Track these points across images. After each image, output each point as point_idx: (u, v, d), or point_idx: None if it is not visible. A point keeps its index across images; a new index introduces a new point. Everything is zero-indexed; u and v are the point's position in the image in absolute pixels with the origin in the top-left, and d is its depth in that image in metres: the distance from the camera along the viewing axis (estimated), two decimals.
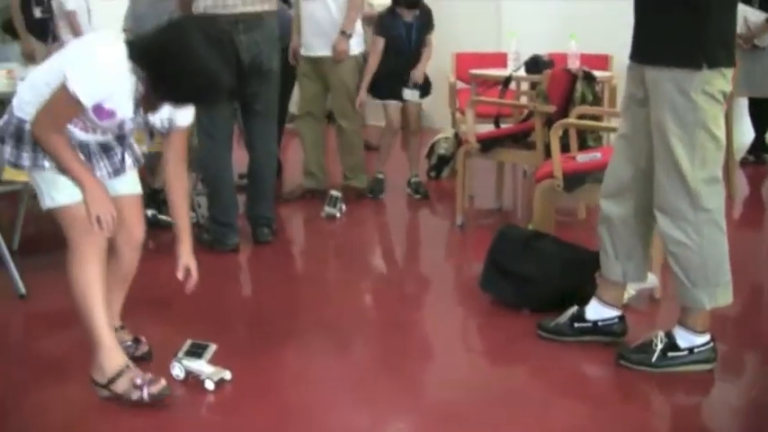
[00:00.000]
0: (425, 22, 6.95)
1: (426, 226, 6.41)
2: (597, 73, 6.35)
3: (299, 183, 7.19)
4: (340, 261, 5.85)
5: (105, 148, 3.63)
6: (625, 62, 3.89)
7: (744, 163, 8.20)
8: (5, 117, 3.54)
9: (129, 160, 3.73)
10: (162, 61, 3.27)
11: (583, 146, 5.62)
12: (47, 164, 3.44)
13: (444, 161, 7.67)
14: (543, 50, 7.23)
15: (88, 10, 9.37)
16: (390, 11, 6.94)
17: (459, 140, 7.35)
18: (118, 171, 3.67)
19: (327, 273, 5.62)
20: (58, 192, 3.47)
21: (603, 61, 7.75)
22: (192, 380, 3.68)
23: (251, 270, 5.63)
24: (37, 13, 9.09)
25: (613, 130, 5.60)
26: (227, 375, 3.68)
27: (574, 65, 6.59)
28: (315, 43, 6.76)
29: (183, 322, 4.39)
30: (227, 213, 5.67)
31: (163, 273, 3.99)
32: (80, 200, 3.43)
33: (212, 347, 3.72)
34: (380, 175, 7.16)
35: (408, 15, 6.87)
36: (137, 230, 3.74)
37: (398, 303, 4.87)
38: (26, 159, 3.45)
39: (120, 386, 3.47)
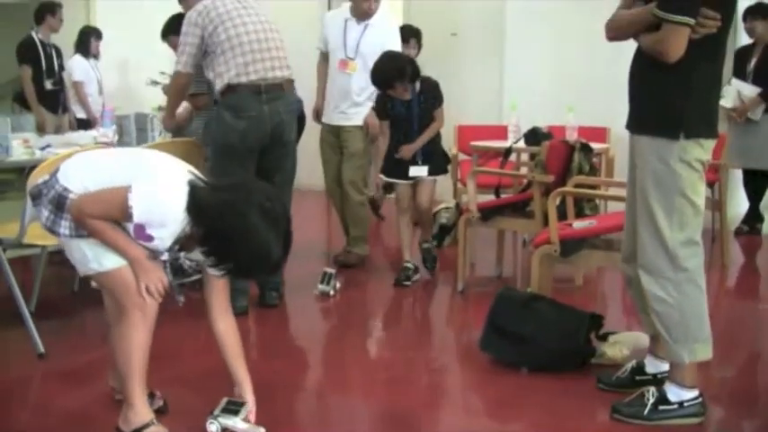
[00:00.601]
0: (430, 96, 6.47)
1: (428, 292, 6.54)
2: (594, 145, 6.55)
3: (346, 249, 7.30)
4: (344, 325, 5.94)
5: None
6: (621, 134, 4.12)
7: (738, 233, 8.40)
8: (46, 179, 3.59)
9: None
10: (218, 225, 3.32)
11: (580, 214, 5.80)
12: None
13: (446, 230, 7.79)
14: (542, 123, 7.45)
15: (98, 81, 9.61)
16: (382, 94, 6.55)
17: (460, 210, 7.48)
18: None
19: (333, 335, 5.75)
20: (105, 257, 3.51)
21: (601, 133, 7.98)
22: None
23: (259, 333, 5.73)
24: (48, 85, 9.28)
25: (609, 197, 5.81)
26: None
27: (572, 137, 6.81)
28: (337, 112, 7.00)
29: (195, 380, 4.55)
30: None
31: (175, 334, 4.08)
32: (121, 264, 3.51)
33: (248, 405, 3.78)
34: (409, 264, 6.68)
35: (404, 93, 6.39)
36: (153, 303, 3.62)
37: (401, 363, 5.00)
38: (65, 228, 3.49)
39: None
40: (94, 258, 3.52)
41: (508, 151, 6.93)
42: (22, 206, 4.83)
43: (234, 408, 3.76)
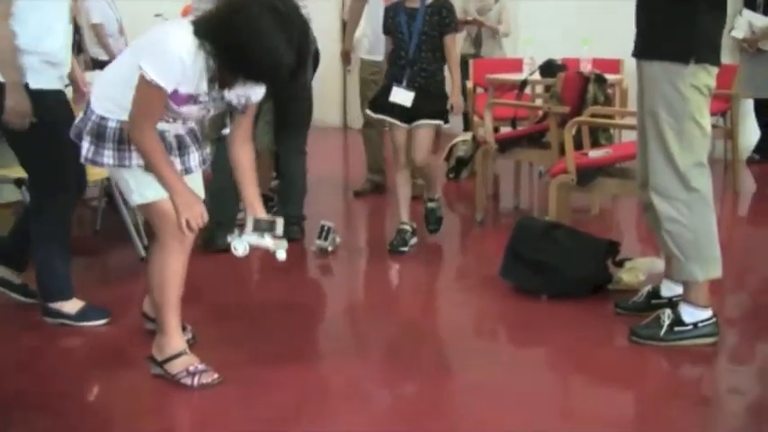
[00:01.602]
0: (440, 13, 5.53)
1: (447, 224, 6.37)
2: (608, 76, 6.60)
3: (367, 179, 7.45)
4: (364, 252, 6.10)
5: (181, 145, 3.66)
6: (635, 65, 4.19)
7: (750, 161, 8.48)
8: (81, 116, 3.60)
9: (197, 159, 3.76)
10: (226, 33, 3.23)
11: (595, 144, 5.89)
12: (134, 162, 3.50)
13: (463, 163, 7.89)
14: (557, 56, 7.50)
15: (118, 21, 9.52)
16: (389, 5, 5.82)
17: (477, 142, 7.56)
18: (188, 170, 3.69)
19: (354, 260, 5.86)
20: (148, 188, 3.53)
21: (615, 65, 7.98)
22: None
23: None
24: None
25: (623, 126, 5.89)
26: (286, 245, 3.67)
27: (586, 68, 6.85)
28: (379, 47, 6.57)
29: (223, 314, 4.70)
30: (222, 212, 5.37)
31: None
32: (161, 197, 3.53)
33: (280, 221, 3.69)
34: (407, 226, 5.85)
35: (411, 1, 5.57)
36: (190, 236, 3.64)
37: (424, 292, 5.16)
38: (108, 157, 3.49)
39: (175, 367, 3.66)
40: (137, 189, 3.57)
41: (524, 83, 6.99)
42: None
43: (264, 226, 3.65)
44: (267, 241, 3.62)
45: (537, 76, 7.21)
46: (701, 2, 3.82)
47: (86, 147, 3.53)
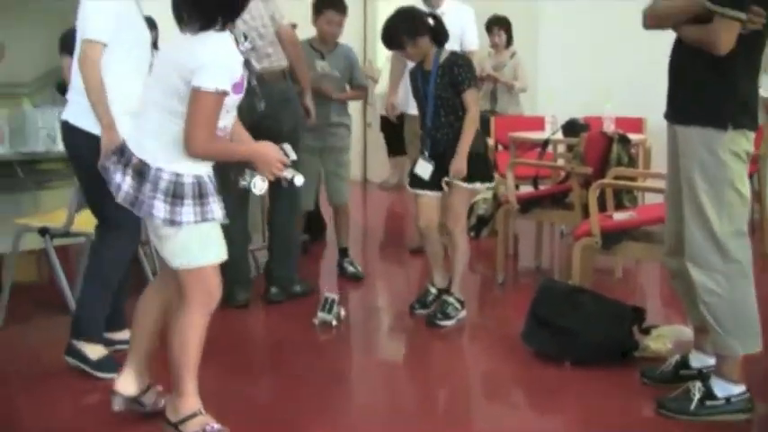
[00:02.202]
0: (454, 71, 5.26)
1: (468, 283, 6.26)
2: (632, 135, 6.54)
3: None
4: (384, 311, 6.04)
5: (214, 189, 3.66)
6: (658, 125, 4.10)
7: None
8: (138, 176, 3.44)
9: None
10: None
11: (619, 205, 5.81)
12: (216, 215, 3.53)
13: (483, 222, 7.81)
14: (579, 114, 7.45)
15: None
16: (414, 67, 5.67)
17: (498, 201, 7.51)
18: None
19: (371, 320, 5.81)
20: (211, 248, 3.56)
21: (637, 124, 7.95)
22: None
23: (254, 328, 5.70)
24: None
25: (648, 189, 5.81)
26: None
27: (609, 128, 6.80)
28: None
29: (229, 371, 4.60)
30: (234, 270, 5.36)
31: None
32: (221, 259, 3.60)
33: (287, 146, 3.74)
34: (433, 289, 5.66)
35: (417, 57, 5.39)
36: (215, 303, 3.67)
37: (444, 354, 5.05)
38: (190, 214, 3.45)
39: (191, 427, 3.62)
40: (200, 250, 3.53)
41: (546, 143, 6.94)
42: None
43: None
44: (288, 172, 3.65)
45: (559, 135, 7.14)
46: (737, 65, 3.72)
47: (161, 207, 3.43)
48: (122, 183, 3.47)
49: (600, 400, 4.25)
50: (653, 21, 3.94)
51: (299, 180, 3.65)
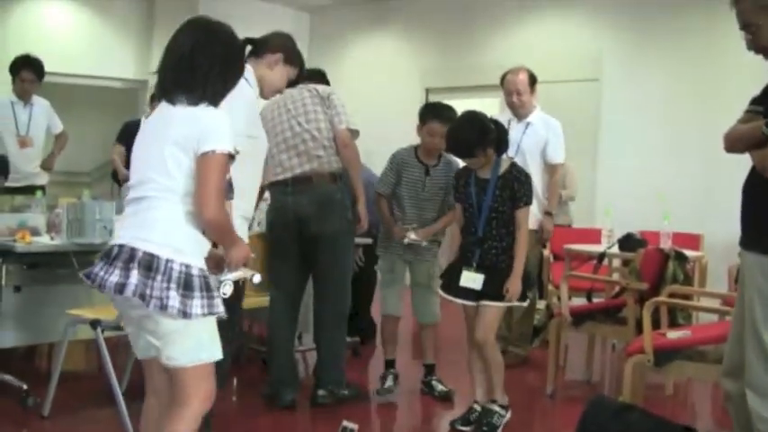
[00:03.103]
0: (514, 184, 5.23)
1: (517, 394, 6.25)
2: (689, 252, 6.51)
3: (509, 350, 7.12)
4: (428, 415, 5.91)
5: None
6: (716, 242, 4.07)
7: None
8: (147, 270, 3.30)
9: None
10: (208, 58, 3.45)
11: (673, 323, 5.75)
12: (221, 308, 3.42)
13: (536, 332, 7.77)
14: (635, 227, 7.43)
15: None
16: (459, 170, 5.60)
17: (551, 312, 7.48)
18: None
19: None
20: (217, 345, 3.47)
21: (695, 240, 7.92)
22: None
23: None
24: None
25: (704, 310, 5.76)
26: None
27: (666, 244, 6.77)
28: None
29: None
30: (281, 370, 5.73)
31: None
32: (221, 357, 3.49)
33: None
34: (477, 407, 5.51)
35: (483, 165, 5.28)
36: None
37: None
38: (199, 307, 3.33)
39: None
40: (209, 345, 3.45)
41: (602, 256, 6.91)
42: None
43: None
44: (243, 271, 3.60)
45: (615, 248, 7.13)
46: None
47: (174, 297, 3.30)
48: (128, 279, 3.29)
49: None
50: (727, 144, 3.91)
51: (256, 278, 3.64)
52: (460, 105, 5.23)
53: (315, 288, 5.86)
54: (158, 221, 3.38)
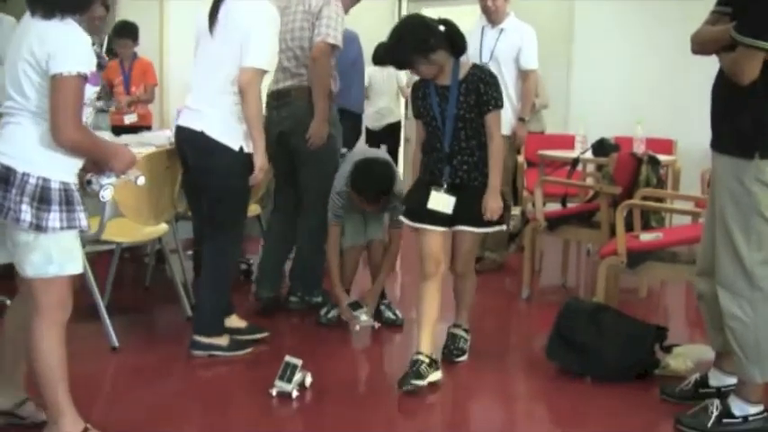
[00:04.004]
0: (479, 88, 4.60)
1: (493, 298, 6.52)
2: (661, 157, 6.58)
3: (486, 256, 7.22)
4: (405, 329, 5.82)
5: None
6: (688, 147, 4.15)
7: None
8: (4, 182, 3.35)
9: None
10: None
11: (646, 226, 5.85)
12: (84, 222, 3.44)
13: (511, 237, 7.85)
14: (608, 133, 7.49)
15: None
16: (417, 81, 4.89)
17: (525, 217, 7.55)
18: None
19: (396, 334, 5.71)
20: (71, 259, 3.47)
21: (668, 145, 7.99)
22: None
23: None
24: None
25: (676, 211, 5.86)
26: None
27: (639, 149, 6.84)
28: None
29: None
30: (262, 270, 5.94)
31: None
32: (78, 272, 3.53)
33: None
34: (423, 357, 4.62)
35: (431, 73, 4.65)
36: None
37: (466, 368, 5.04)
38: (56, 221, 3.36)
39: None
40: (58, 259, 3.43)
41: (576, 161, 6.98)
42: (100, 203, 4.98)
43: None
44: (125, 175, 3.69)
45: (589, 154, 7.19)
46: (762, 89, 3.72)
47: (26, 210, 3.33)
48: None
49: (620, 415, 4.32)
50: (695, 47, 3.97)
51: (141, 180, 3.76)
52: (436, 14, 5.03)
53: (300, 205, 5.86)
54: (16, 136, 3.40)
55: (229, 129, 4.77)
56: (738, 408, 3.95)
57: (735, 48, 3.68)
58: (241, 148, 4.77)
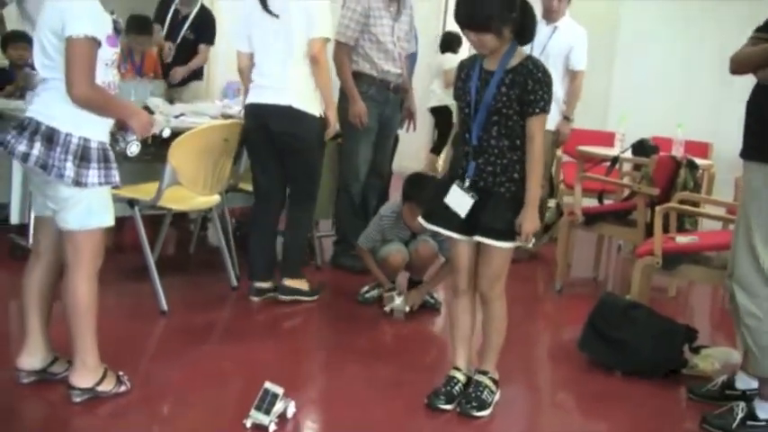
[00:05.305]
0: (527, 83, 3.90)
1: (526, 290, 6.67)
2: (698, 160, 6.70)
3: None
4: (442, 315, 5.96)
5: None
6: (724, 151, 4.33)
7: None
8: (48, 142, 3.62)
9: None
10: None
11: (681, 228, 5.99)
12: (117, 178, 3.76)
13: (545, 229, 7.94)
14: (648, 133, 7.62)
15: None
16: (462, 62, 4.28)
17: (560, 209, 7.69)
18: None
19: (427, 322, 5.83)
20: (108, 212, 3.81)
21: (704, 148, 8.13)
22: None
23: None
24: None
25: (711, 217, 5.99)
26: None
27: (678, 152, 6.97)
28: None
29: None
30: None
31: None
32: (112, 223, 3.85)
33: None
34: (459, 375, 4.34)
35: (486, 50, 3.95)
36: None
37: (501, 357, 5.18)
38: (94, 177, 3.67)
39: (109, 384, 3.93)
40: (98, 212, 3.76)
41: (615, 159, 7.12)
42: (157, 170, 5.21)
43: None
44: (158, 125, 4.17)
45: (629, 153, 7.30)
46: None
47: (71, 168, 3.63)
48: (31, 150, 3.61)
49: (646, 410, 4.48)
50: (733, 66, 4.16)
51: (166, 132, 4.35)
52: None
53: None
54: (55, 100, 3.65)
55: (311, 98, 5.40)
56: (762, 409, 4.13)
57: None
58: (320, 114, 5.44)
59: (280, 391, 3.77)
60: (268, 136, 5.44)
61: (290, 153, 5.48)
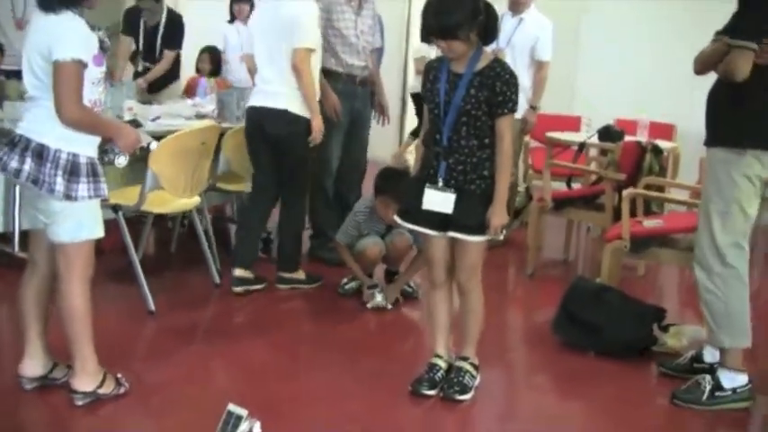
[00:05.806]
0: (493, 83, 4.04)
1: (498, 273, 6.80)
2: (662, 142, 6.90)
3: None
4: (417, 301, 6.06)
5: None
6: (688, 132, 4.53)
7: None
8: (38, 158, 3.71)
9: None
10: None
11: (647, 211, 6.15)
12: (105, 191, 3.86)
13: (514, 214, 7.94)
14: (611, 116, 7.83)
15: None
16: (429, 63, 4.39)
17: (529, 194, 7.87)
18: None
19: (406, 312, 5.93)
20: (98, 224, 3.90)
21: (668, 130, 8.32)
22: None
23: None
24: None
25: (678, 202, 6.17)
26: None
27: (643, 135, 7.15)
28: None
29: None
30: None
31: None
32: (101, 235, 3.93)
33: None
34: (441, 362, 4.50)
35: (453, 53, 4.07)
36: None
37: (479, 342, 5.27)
38: (84, 190, 3.76)
39: (108, 386, 4.05)
40: (88, 224, 3.86)
41: (582, 146, 7.29)
42: (138, 173, 5.32)
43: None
44: (145, 138, 4.27)
45: (595, 139, 7.43)
46: (756, 93, 4.17)
47: (61, 183, 3.72)
48: (22, 165, 3.71)
49: (619, 388, 4.67)
50: (697, 66, 4.41)
51: (153, 145, 4.41)
52: None
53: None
54: (44, 117, 3.74)
55: (301, 102, 5.71)
56: (727, 379, 4.39)
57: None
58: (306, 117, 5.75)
59: (244, 412, 3.48)
60: (264, 137, 5.79)
61: (284, 153, 5.80)
